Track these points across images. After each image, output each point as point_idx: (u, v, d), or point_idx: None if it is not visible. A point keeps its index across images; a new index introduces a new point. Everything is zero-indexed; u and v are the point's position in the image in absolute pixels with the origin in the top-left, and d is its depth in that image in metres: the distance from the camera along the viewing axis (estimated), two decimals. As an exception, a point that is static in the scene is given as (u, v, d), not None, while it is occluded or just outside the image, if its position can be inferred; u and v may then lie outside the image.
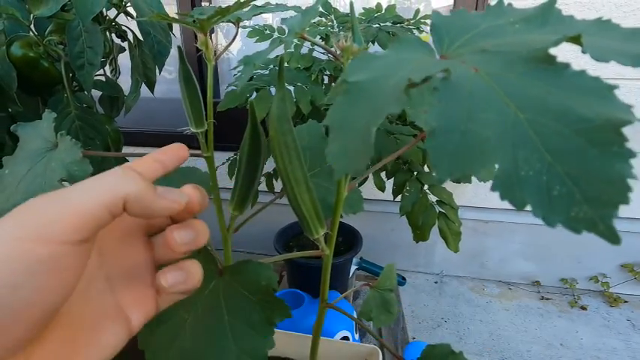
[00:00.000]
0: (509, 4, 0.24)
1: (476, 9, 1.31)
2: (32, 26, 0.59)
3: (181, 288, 0.24)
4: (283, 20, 0.37)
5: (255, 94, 0.81)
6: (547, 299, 1.54)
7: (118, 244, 0.24)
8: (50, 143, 0.37)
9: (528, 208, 0.14)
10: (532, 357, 1.28)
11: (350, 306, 0.91)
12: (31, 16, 0.58)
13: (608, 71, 0.63)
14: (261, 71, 0.87)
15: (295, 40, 0.94)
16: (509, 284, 1.63)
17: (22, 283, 0.17)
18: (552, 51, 0.18)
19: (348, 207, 0.42)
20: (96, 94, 0.75)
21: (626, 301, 1.50)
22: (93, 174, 0.32)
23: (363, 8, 1.04)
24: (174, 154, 0.26)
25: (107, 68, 0.78)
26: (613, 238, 0.14)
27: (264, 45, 0.98)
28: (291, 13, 0.42)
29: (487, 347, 1.32)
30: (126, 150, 0.86)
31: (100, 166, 0.67)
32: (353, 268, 1.17)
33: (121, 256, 0.24)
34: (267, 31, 0.95)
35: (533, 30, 0.21)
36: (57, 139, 0.36)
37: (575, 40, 0.18)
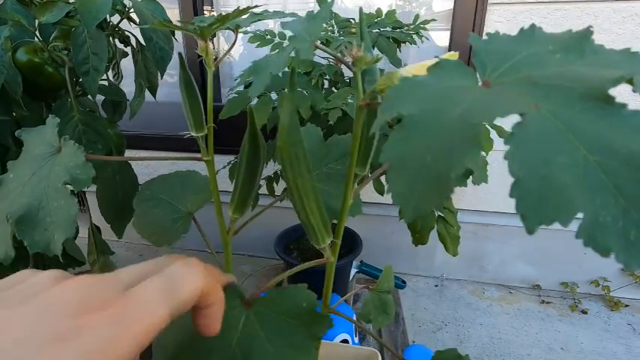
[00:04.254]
0: (540, 28, 0.24)
1: (475, 12, 1.31)
2: (37, 32, 0.61)
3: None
4: (283, 24, 0.37)
5: (256, 99, 0.82)
6: (547, 303, 1.54)
7: None
8: (54, 148, 0.38)
9: (613, 254, 0.14)
10: (532, 361, 1.28)
11: (350, 309, 0.91)
12: (36, 22, 0.59)
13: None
14: (262, 76, 0.88)
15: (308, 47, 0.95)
16: (510, 288, 1.63)
17: None
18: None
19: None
20: (98, 98, 0.76)
21: (626, 305, 1.50)
22: (95, 178, 0.33)
23: (360, 9, 1.04)
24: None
25: (110, 73, 0.79)
26: None
27: (264, 49, 0.98)
28: (289, 19, 0.43)
29: (487, 351, 1.32)
30: (128, 153, 0.87)
31: (103, 169, 0.68)
32: (353, 271, 1.17)
33: None
34: (269, 37, 0.96)
35: (574, 61, 0.21)
36: (61, 143, 0.37)
37: (630, 81, 0.18)
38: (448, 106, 0.18)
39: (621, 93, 0.17)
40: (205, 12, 1.57)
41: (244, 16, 0.40)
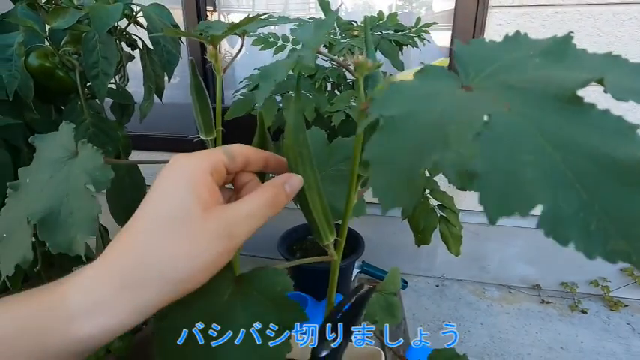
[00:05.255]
0: (525, 35, 0.25)
1: (476, 12, 1.33)
2: (48, 37, 0.62)
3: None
4: (292, 31, 0.38)
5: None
6: (547, 303, 1.55)
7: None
8: (70, 152, 0.39)
9: (572, 244, 0.15)
10: (532, 360, 1.29)
11: (352, 308, 0.92)
12: (47, 27, 0.60)
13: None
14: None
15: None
16: (510, 288, 1.64)
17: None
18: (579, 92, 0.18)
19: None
20: (106, 100, 0.77)
21: (626, 305, 1.51)
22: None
23: (365, 16, 1.05)
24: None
25: (116, 76, 0.80)
26: None
27: (266, 52, 0.99)
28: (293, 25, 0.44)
29: (487, 350, 1.33)
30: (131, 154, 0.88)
31: (114, 172, 0.69)
32: (355, 271, 1.18)
33: None
34: (272, 39, 0.97)
35: (552, 65, 0.22)
36: (77, 147, 0.38)
37: (599, 81, 0.19)
38: (425, 109, 0.19)
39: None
40: (207, 13, 1.58)
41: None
